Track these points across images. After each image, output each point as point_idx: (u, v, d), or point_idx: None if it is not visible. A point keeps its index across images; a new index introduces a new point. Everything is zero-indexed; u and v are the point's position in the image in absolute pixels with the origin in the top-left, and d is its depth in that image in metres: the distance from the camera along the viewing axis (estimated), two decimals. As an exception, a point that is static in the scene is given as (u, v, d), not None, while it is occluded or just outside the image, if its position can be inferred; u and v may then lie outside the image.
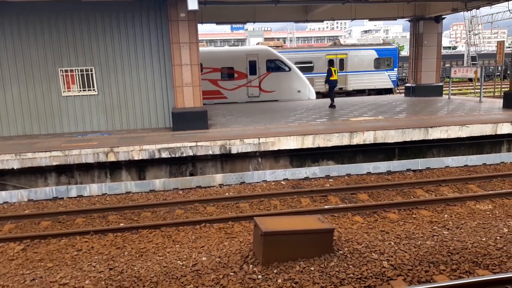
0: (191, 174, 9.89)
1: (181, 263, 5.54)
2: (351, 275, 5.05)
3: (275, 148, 10.00)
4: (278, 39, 65.61)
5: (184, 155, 9.68)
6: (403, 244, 5.83)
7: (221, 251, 5.85)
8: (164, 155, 9.62)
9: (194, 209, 7.74)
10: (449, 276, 4.95)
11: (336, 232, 6.28)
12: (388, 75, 25.20)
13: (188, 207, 7.81)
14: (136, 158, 9.57)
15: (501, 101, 14.59)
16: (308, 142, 10.14)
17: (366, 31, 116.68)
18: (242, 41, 79.85)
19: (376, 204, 7.44)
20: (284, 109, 16.30)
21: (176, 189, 8.96)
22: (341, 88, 24.77)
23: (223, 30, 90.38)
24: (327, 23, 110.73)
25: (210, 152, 9.76)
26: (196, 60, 11.54)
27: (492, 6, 17.29)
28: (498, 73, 28.19)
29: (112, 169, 9.71)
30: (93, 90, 12.28)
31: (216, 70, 20.25)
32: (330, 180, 9.30)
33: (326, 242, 5.65)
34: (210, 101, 19.84)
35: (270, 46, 22.95)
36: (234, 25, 77.14)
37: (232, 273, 5.15)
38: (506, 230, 6.09)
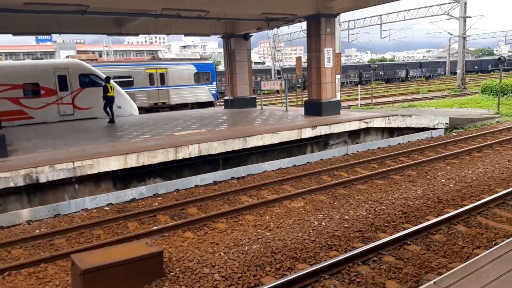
0: (-13, 214, 8.12)
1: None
2: (185, 296, 4.88)
3: (95, 171, 9.09)
4: (93, 52, 61.20)
5: (-25, 191, 7.89)
6: (232, 253, 5.99)
7: (30, 303, 4.90)
8: None
9: (-7, 256, 6.33)
10: (274, 276, 5.29)
11: (166, 253, 6.04)
12: (208, 88, 26.29)
13: (-16, 255, 6.34)
14: None
15: (303, 109, 16.83)
16: (132, 161, 9.58)
17: (184, 46, 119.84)
18: (50, 54, 71.60)
19: (205, 216, 7.49)
20: (103, 127, 15.14)
21: (-34, 235, 7.20)
22: (164, 103, 24.60)
23: (26, 42, 79.36)
24: (145, 37, 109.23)
25: (12, 184, 8.21)
26: (-15, 75, 9.62)
27: (290, 26, 19.97)
28: (299, 85, 32.68)
29: None
30: None
31: (17, 87, 17.43)
32: (158, 198, 8.97)
33: (156, 267, 5.36)
34: (11, 122, 16.94)
35: (83, 60, 21.12)
36: (39, 36, 68.63)
37: (45, 328, 4.34)
38: (316, 223, 6.93)
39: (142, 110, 22.06)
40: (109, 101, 15.94)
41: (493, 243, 5.86)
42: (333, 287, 4.92)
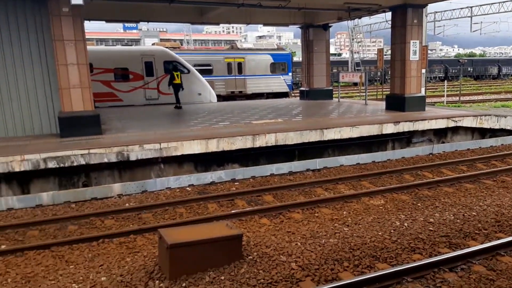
0: (85, 185, 8.95)
1: (76, 286, 4.91)
2: (262, 280, 4.98)
3: (179, 153, 9.59)
4: (174, 40, 64.16)
5: (75, 164, 8.72)
6: (309, 244, 5.97)
7: (123, 268, 5.33)
8: (51, 165, 8.54)
9: (90, 223, 6.98)
10: (352, 272, 5.19)
11: (244, 237, 6.19)
12: (284, 79, 26.30)
13: (83, 221, 7.02)
14: (17, 169, 8.33)
15: (383, 103, 16.17)
16: (213, 146, 9.94)
17: (260, 37, 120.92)
18: (136, 41, 76.40)
19: (281, 205, 7.56)
20: (186, 112, 15.86)
21: (68, 203, 8.01)
22: (240, 92, 25.10)
23: (115, 29, 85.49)
24: (223, 27, 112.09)
25: (106, 160, 8.96)
26: (84, 59, 10.52)
27: (371, 17, 19.16)
28: (378, 78, 31.42)
29: (-14, 183, 8.33)
30: (-42, 91, 10.43)
31: (108, 70, 18.89)
32: (235, 183, 9.22)
33: (235, 249, 5.52)
34: (103, 104, 18.43)
35: (167, 47, 22.23)
36: (126, 24, 73.44)
37: (136, 293, 4.70)
38: (398, 223, 6.64)
39: (219, 98, 22.74)
40: (175, 88, 16.80)
41: None
42: (416, 290, 4.70)
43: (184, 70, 19.80)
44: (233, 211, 7.30)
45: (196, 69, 20.92)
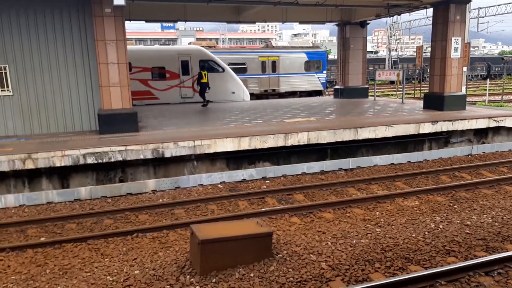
0: (121, 181, 9.28)
1: (111, 279, 5.11)
2: (291, 278, 4.99)
3: (211, 151, 9.75)
4: (210, 39, 65.03)
5: (113, 160, 9.06)
6: (340, 244, 5.92)
7: (155, 262, 5.50)
8: (90, 160, 8.92)
9: (125, 218, 7.24)
10: (384, 273, 5.09)
11: (274, 235, 6.21)
12: (318, 77, 26.06)
13: (118, 216, 7.29)
14: (58, 164, 8.76)
15: (421, 102, 15.68)
16: (245, 144, 10.03)
17: (295, 35, 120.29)
18: (173, 41, 78.04)
19: (312, 204, 7.53)
20: (219, 110, 16.08)
21: (104, 197, 8.35)
22: (274, 90, 25.11)
23: (153, 29, 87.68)
24: (258, 25, 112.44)
25: (142, 156, 9.25)
26: (124, 58, 10.89)
27: (411, 14, 18.62)
28: (417, 76, 30.49)
29: (30, 177, 8.79)
30: (7, 90, 11.08)
31: (146, 69, 19.44)
32: (266, 181, 9.27)
33: (265, 246, 5.56)
34: (140, 102, 18.99)
35: (203, 46, 22.58)
36: (164, 24, 75.20)
37: (167, 286, 4.84)
38: (433, 225, 6.45)
39: (252, 96, 22.86)
40: (202, 87, 17.12)
41: None
42: (450, 295, 4.56)
43: (219, 69, 20.06)
44: (263, 209, 7.35)
45: (231, 68, 21.13)
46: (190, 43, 27.74)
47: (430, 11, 14.83)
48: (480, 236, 6.06)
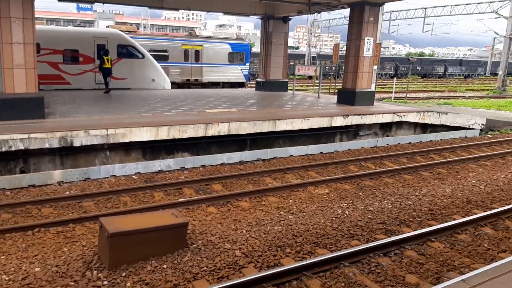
0: (22, 171, 8.49)
1: (7, 278, 4.68)
2: (205, 268, 5.00)
3: (126, 140, 9.33)
4: (131, 24, 61.95)
5: (13, 149, 8.24)
6: (254, 232, 6.06)
7: (59, 258, 5.14)
8: (-14, 149, 8.03)
9: (26, 212, 6.64)
10: (294, 258, 5.34)
11: (190, 225, 6.17)
12: (241, 69, 26.25)
13: (18, 210, 6.67)
14: None
15: (335, 97, 16.59)
16: (163, 134, 9.76)
17: (220, 25, 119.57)
18: (90, 23, 73.03)
19: (229, 193, 7.59)
20: (137, 98, 15.43)
21: (3, 190, 7.58)
22: (196, 80, 24.78)
23: (67, 9, 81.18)
24: (182, 13, 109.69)
25: (47, 145, 8.54)
26: (31, 38, 9.93)
27: (330, 12, 19.49)
28: (333, 73, 32.16)
29: None
30: None
31: (57, 52, 17.92)
32: (185, 172, 9.14)
33: (180, 237, 5.49)
34: (49, 86, 17.49)
35: (123, 31, 21.42)
36: (80, 5, 70.03)
37: (72, 283, 4.56)
38: (340, 211, 6.90)
39: (174, 85, 22.31)
40: (104, 72, 16.49)
41: (522, 249, 5.69)
42: (352, 275, 4.91)
43: (138, 55, 19.21)
44: (180, 200, 7.25)
45: (152, 55, 20.36)
46: (108, 27, 26.15)
47: (347, 12, 15.66)
48: (381, 220, 6.61)
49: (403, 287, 4.75)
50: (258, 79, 21.17)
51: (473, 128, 14.49)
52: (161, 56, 22.86)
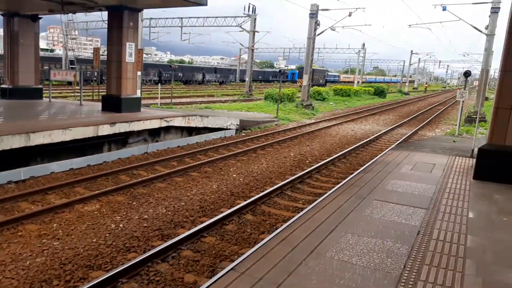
0: None
1: None
2: None
3: None
4: None
5: None
6: (9, 271, 5.07)
7: None
8: None
9: None
10: (63, 289, 4.72)
11: None
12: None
13: None
14: None
15: (100, 104, 15.68)
16: None
17: None
18: None
19: (-31, 231, 6.08)
20: None
21: None
22: None
23: None
24: None
25: None
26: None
27: (88, 14, 18.21)
28: (95, 78, 30.36)
29: None
30: None
31: None
32: None
33: None
34: None
35: None
36: None
37: None
38: (114, 226, 6.53)
39: None
40: None
41: (274, 227, 6.77)
42: (131, 290, 4.73)
43: None
44: None
45: None
46: None
47: (105, 15, 14.97)
48: (156, 226, 6.64)
49: (182, 288, 4.89)
50: (3, 86, 17.89)
51: (230, 129, 16.39)
52: None
